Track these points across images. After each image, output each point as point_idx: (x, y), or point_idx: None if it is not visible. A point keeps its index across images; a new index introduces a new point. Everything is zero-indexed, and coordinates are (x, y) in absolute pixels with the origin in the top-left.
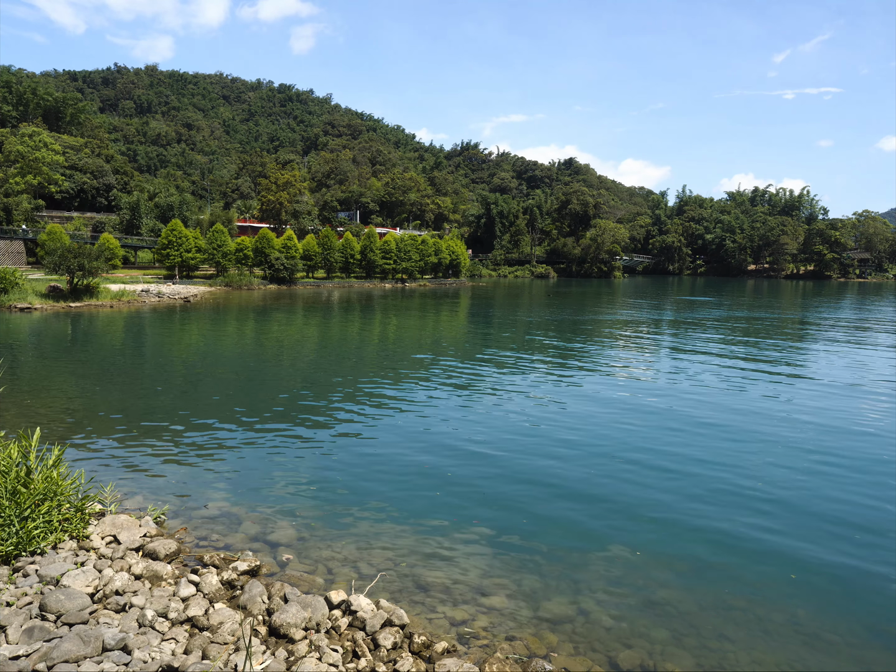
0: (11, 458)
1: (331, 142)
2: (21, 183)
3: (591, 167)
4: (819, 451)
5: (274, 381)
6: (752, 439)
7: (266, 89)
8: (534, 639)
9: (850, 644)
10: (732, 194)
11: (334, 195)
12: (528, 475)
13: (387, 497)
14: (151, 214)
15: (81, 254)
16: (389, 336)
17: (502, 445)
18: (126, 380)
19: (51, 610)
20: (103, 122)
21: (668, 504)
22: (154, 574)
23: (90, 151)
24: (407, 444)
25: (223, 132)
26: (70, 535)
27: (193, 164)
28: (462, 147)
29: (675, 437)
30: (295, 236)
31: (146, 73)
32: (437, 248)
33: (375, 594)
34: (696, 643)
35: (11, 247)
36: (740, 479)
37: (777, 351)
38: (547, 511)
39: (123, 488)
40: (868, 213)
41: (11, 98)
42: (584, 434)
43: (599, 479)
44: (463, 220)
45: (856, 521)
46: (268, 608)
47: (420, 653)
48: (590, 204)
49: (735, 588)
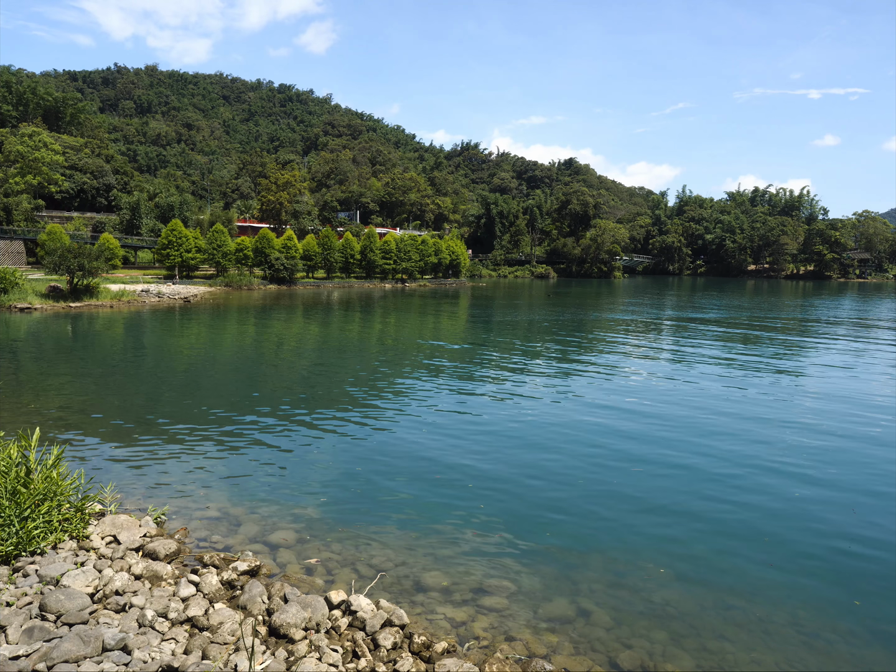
0: (11, 459)
1: (331, 142)
2: (21, 183)
3: (592, 167)
4: (819, 452)
5: (274, 381)
6: (751, 439)
7: (266, 89)
8: (534, 639)
9: (850, 644)
10: (732, 194)
11: (334, 195)
12: (528, 475)
13: (387, 497)
14: (151, 214)
15: (81, 254)
16: (389, 337)
17: (502, 445)
18: (126, 380)
19: (51, 610)
20: (103, 122)
21: (668, 504)
22: (154, 574)
23: (90, 151)
24: (407, 444)
25: (223, 132)
26: (70, 535)
27: (193, 164)
28: (462, 147)
29: (675, 438)
30: (295, 236)
31: (146, 73)
32: (437, 248)
33: (375, 594)
34: (696, 644)
35: (11, 247)
36: (740, 479)
37: (781, 349)
38: (547, 511)
39: (123, 488)
40: (868, 214)
41: (11, 98)
42: (584, 434)
43: (599, 480)
44: (463, 220)
45: (856, 521)
46: (268, 608)
47: (420, 653)
48: (590, 204)
49: (735, 588)
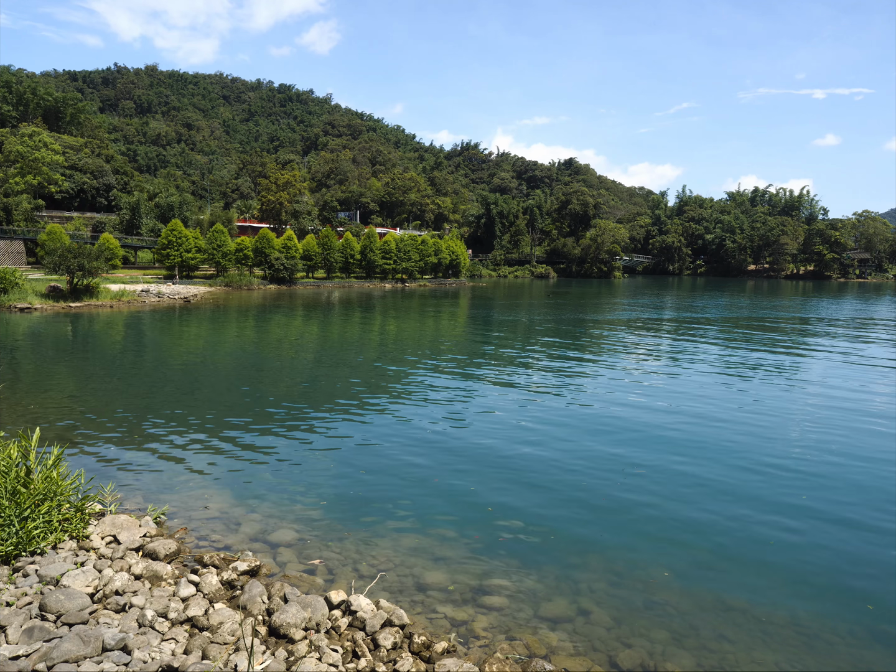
0: (11, 458)
1: (331, 142)
2: (21, 183)
3: (591, 167)
4: (821, 452)
5: (274, 381)
6: (752, 439)
7: (266, 89)
8: (534, 639)
9: (850, 644)
10: (732, 194)
11: (334, 195)
12: (528, 475)
13: (387, 497)
14: (151, 214)
15: (81, 254)
16: (389, 337)
17: (502, 446)
18: (126, 380)
19: (51, 610)
20: (103, 122)
21: (668, 504)
22: (154, 574)
23: (90, 151)
24: (407, 444)
25: (223, 132)
26: (70, 535)
27: (193, 164)
28: (462, 147)
29: (675, 438)
30: (295, 236)
31: (146, 73)
32: (437, 248)
33: (375, 594)
34: (696, 643)
35: (11, 247)
36: (740, 479)
37: (781, 349)
38: (547, 511)
39: (123, 488)
40: (868, 214)
41: (11, 98)
42: (584, 435)
43: (600, 481)
44: (463, 220)
45: (856, 522)
46: (268, 608)
47: (420, 653)
48: (590, 204)
49: (735, 588)
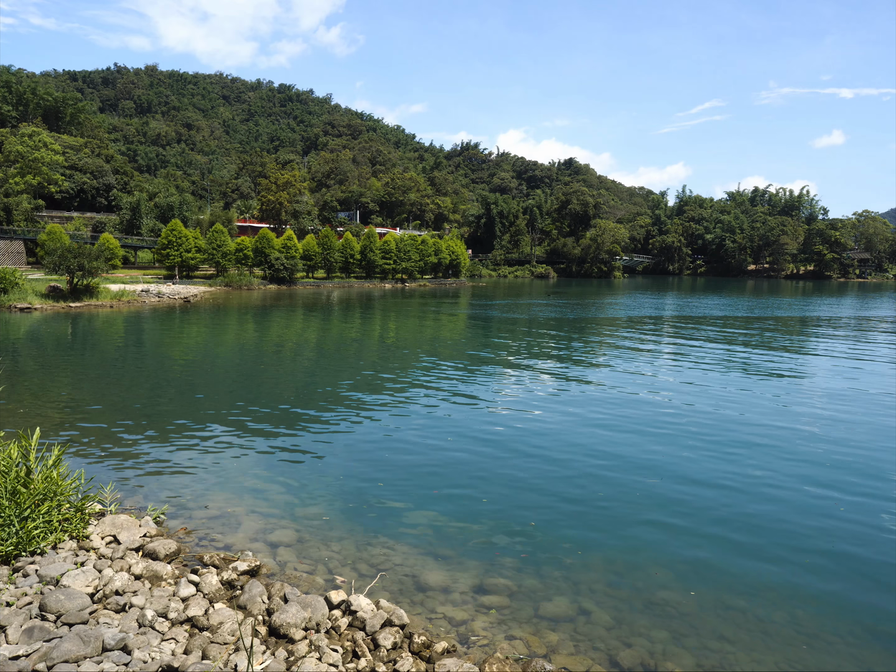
0: (11, 458)
1: (331, 142)
2: (21, 183)
3: (591, 167)
4: (821, 452)
5: (274, 381)
6: (751, 439)
7: (266, 89)
8: (534, 638)
9: (850, 644)
10: (732, 194)
11: (334, 195)
12: (529, 475)
13: (387, 497)
14: (151, 214)
15: (81, 254)
16: (389, 337)
17: (504, 446)
18: (126, 380)
19: (51, 610)
20: (103, 122)
21: (668, 504)
22: (154, 574)
23: (90, 151)
24: (407, 444)
25: (223, 132)
26: (70, 535)
27: (193, 164)
28: (462, 147)
29: (676, 439)
30: (295, 236)
31: (146, 73)
32: (436, 248)
33: (375, 594)
34: (696, 643)
35: (11, 247)
36: (741, 479)
37: (781, 348)
38: (547, 511)
39: (123, 488)
40: (868, 213)
41: (11, 98)
42: (584, 436)
43: (600, 480)
44: (463, 220)
45: (856, 522)
46: (268, 608)
47: (420, 653)
48: (590, 204)
49: (735, 588)
